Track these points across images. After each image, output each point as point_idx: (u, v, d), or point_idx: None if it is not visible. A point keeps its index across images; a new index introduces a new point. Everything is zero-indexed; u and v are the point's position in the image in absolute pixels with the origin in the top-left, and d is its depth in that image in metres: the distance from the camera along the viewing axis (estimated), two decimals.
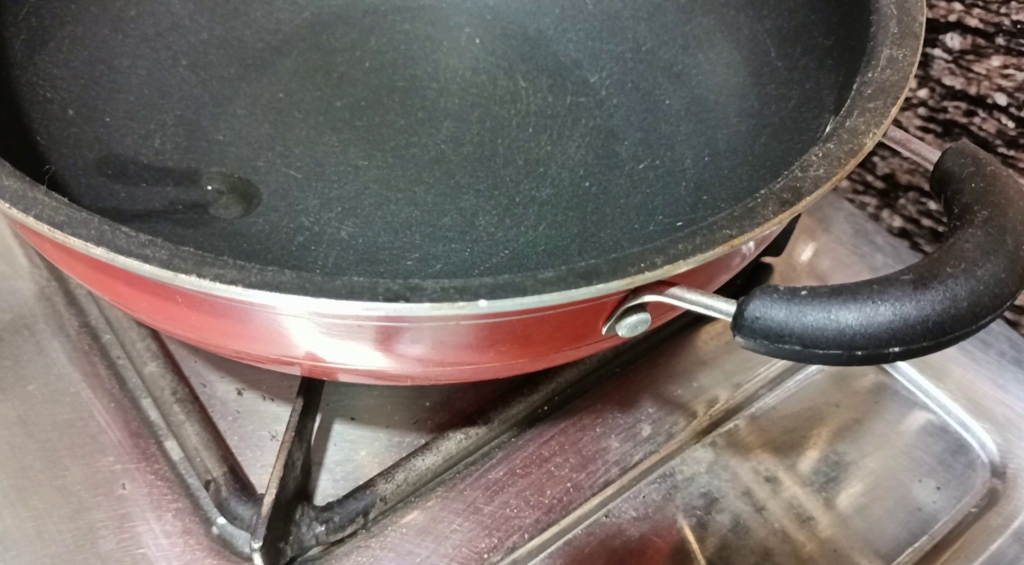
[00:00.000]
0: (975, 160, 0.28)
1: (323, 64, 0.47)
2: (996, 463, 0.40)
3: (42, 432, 0.38)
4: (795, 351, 0.24)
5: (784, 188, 0.26)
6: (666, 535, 0.37)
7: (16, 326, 0.41)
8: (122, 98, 0.41)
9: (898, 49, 0.30)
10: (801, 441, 0.40)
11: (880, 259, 0.48)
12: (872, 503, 0.39)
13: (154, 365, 0.39)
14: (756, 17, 0.41)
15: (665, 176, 0.41)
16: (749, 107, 0.40)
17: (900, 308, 0.23)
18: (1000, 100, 0.48)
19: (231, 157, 0.42)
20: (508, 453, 0.39)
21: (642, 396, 0.41)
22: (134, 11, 0.43)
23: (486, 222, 0.41)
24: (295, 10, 0.48)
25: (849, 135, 0.28)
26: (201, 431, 0.37)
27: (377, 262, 0.38)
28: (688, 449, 0.40)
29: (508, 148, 0.44)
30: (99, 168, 0.38)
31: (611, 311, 0.26)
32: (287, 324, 0.26)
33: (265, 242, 0.39)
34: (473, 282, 0.23)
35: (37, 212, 0.24)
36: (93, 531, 0.35)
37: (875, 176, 0.57)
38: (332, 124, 0.44)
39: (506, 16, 0.49)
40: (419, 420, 0.40)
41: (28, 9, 0.38)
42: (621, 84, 0.45)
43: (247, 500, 0.35)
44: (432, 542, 0.36)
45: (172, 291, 0.25)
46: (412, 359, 0.28)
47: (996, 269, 0.24)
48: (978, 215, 0.25)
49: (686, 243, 0.24)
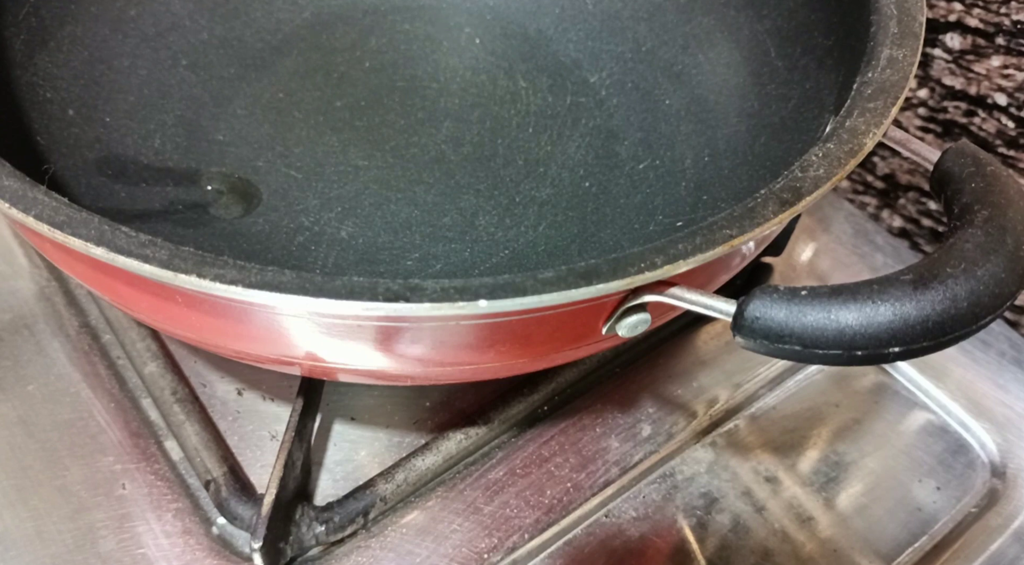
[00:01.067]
0: (975, 160, 0.28)
1: (323, 64, 0.47)
2: (996, 463, 0.40)
3: (42, 432, 0.38)
4: (795, 351, 0.24)
5: (784, 188, 0.26)
6: (666, 535, 0.37)
7: (16, 326, 0.41)
8: (122, 98, 0.41)
9: (898, 49, 0.30)
10: (801, 441, 0.40)
11: (880, 259, 0.48)
12: (872, 503, 0.39)
13: (154, 365, 0.39)
14: (756, 17, 0.41)
15: (665, 176, 0.41)
16: (749, 107, 0.40)
17: (900, 308, 0.23)
18: (1000, 100, 0.48)
19: (231, 157, 0.42)
20: (508, 453, 0.39)
21: (642, 396, 0.41)
22: (134, 11, 0.43)
23: (486, 222, 0.41)
24: (295, 10, 0.48)
25: (849, 135, 0.28)
26: (201, 431, 0.37)
27: (377, 262, 0.38)
28: (688, 449, 0.40)
29: (508, 148, 0.44)
30: (99, 168, 0.38)
31: (611, 311, 0.26)
32: (287, 324, 0.26)
33: (265, 242, 0.39)
34: (473, 282, 0.23)
35: (37, 212, 0.24)
36: (93, 531, 0.35)
37: (875, 176, 0.57)
38: (332, 124, 0.44)
39: (506, 16, 0.49)
40: (419, 420, 0.40)
41: (28, 9, 0.38)
42: (621, 84, 0.45)
43: (247, 500, 0.35)
44: (432, 542, 0.36)
45: (172, 291, 0.25)
46: (412, 359, 0.28)
47: (996, 269, 0.24)
48: (978, 215, 0.25)
49: (686, 243, 0.24)
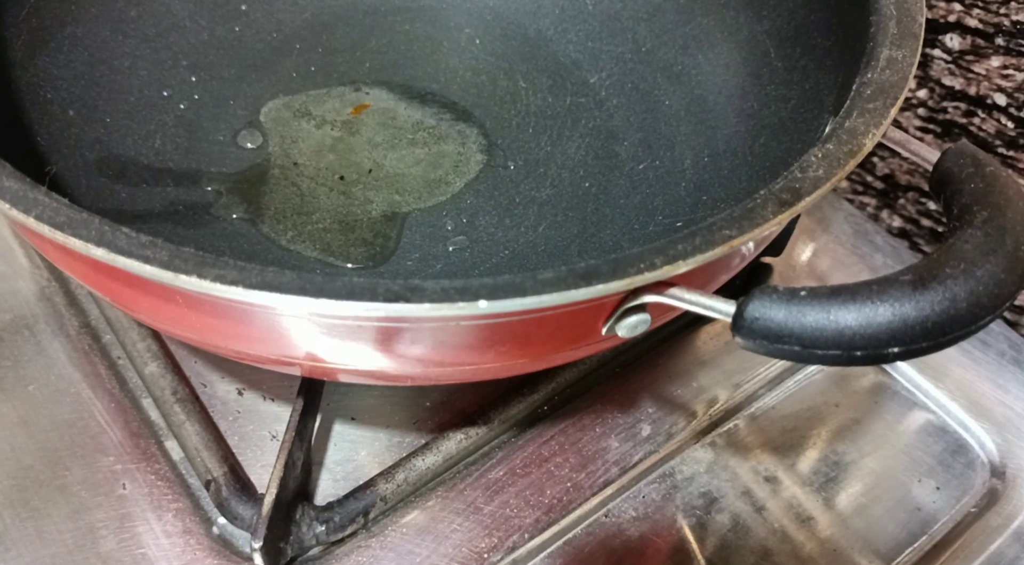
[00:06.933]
0: (974, 161, 0.28)
1: (323, 64, 0.47)
2: (996, 463, 0.40)
3: (42, 432, 0.38)
4: (794, 351, 0.24)
5: (783, 189, 0.26)
6: (666, 535, 0.37)
7: (17, 326, 0.41)
8: (122, 98, 0.41)
9: (897, 50, 0.30)
10: (801, 441, 0.40)
11: (880, 259, 0.48)
12: (872, 503, 0.39)
13: (155, 365, 0.39)
14: (755, 18, 0.41)
15: (665, 176, 0.41)
16: (749, 107, 0.40)
17: (899, 308, 0.23)
18: (999, 100, 0.48)
19: (231, 157, 0.42)
20: (508, 453, 0.39)
21: (642, 396, 0.41)
22: (134, 12, 0.43)
23: (486, 222, 0.41)
24: (295, 10, 0.48)
25: (848, 136, 0.28)
26: (201, 431, 0.37)
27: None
28: (688, 449, 0.40)
29: (508, 148, 0.44)
30: (100, 169, 0.38)
31: (611, 312, 0.26)
32: (287, 325, 0.26)
33: (265, 243, 0.39)
34: (473, 282, 0.23)
35: (38, 213, 0.24)
36: (93, 531, 0.35)
37: (875, 176, 0.57)
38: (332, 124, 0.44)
39: (506, 16, 0.49)
40: (419, 420, 0.40)
41: (29, 10, 0.38)
42: (621, 85, 0.45)
43: (247, 500, 0.35)
44: (432, 542, 0.36)
45: (173, 292, 0.25)
46: (412, 359, 0.28)
47: (995, 269, 0.24)
48: (977, 216, 0.25)
49: (686, 243, 0.24)
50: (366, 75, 0.46)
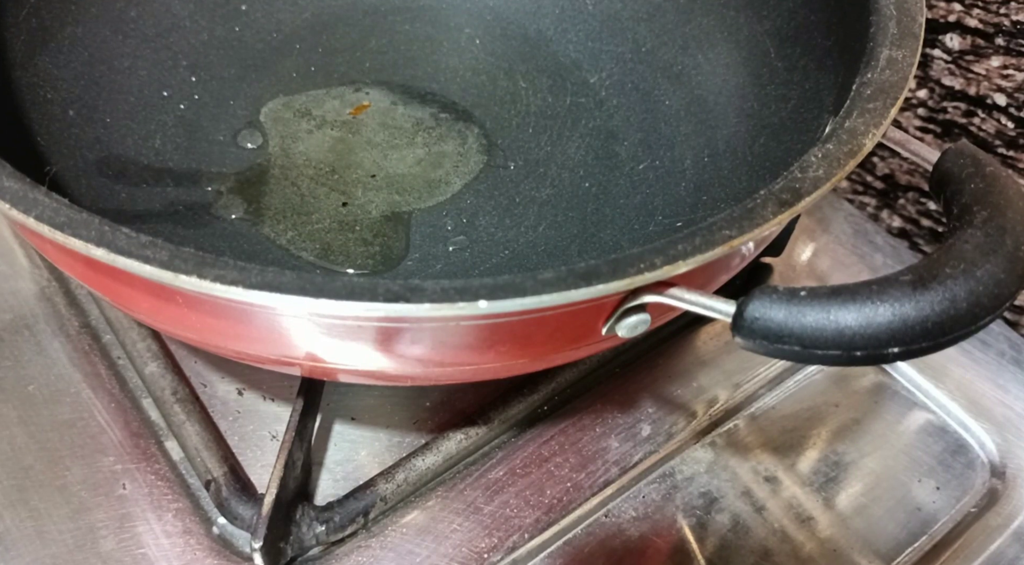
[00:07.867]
0: (974, 161, 0.28)
1: (323, 64, 0.47)
2: (996, 463, 0.40)
3: (42, 432, 0.38)
4: (794, 351, 0.24)
5: (783, 189, 0.26)
6: (666, 535, 0.37)
7: (17, 326, 0.41)
8: (122, 98, 0.41)
9: (897, 50, 0.30)
10: (801, 441, 0.40)
11: (880, 259, 0.48)
12: (872, 503, 0.39)
13: (155, 365, 0.39)
14: (756, 18, 0.41)
15: (665, 176, 0.41)
16: (748, 107, 0.40)
17: (899, 309, 0.23)
18: (999, 100, 0.48)
19: (231, 157, 0.42)
20: (508, 453, 0.39)
21: (642, 396, 0.41)
22: (134, 12, 0.43)
23: (486, 222, 0.41)
24: (295, 10, 0.48)
25: (848, 136, 0.28)
26: (202, 431, 0.37)
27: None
28: (688, 449, 0.40)
29: (508, 148, 0.44)
30: (100, 169, 0.38)
31: (611, 312, 0.26)
32: (287, 325, 0.26)
33: (265, 243, 0.39)
34: (473, 282, 0.23)
35: (38, 213, 0.24)
36: (93, 531, 0.35)
37: (874, 176, 0.57)
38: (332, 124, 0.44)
39: (506, 17, 0.49)
40: (419, 420, 0.40)
41: (28, 10, 0.38)
42: (621, 85, 0.45)
43: (247, 500, 0.35)
44: (432, 542, 0.36)
45: (173, 292, 0.25)
46: (412, 359, 0.28)
47: (995, 270, 0.24)
48: (977, 216, 0.25)
49: (686, 243, 0.24)
50: (366, 75, 0.46)
